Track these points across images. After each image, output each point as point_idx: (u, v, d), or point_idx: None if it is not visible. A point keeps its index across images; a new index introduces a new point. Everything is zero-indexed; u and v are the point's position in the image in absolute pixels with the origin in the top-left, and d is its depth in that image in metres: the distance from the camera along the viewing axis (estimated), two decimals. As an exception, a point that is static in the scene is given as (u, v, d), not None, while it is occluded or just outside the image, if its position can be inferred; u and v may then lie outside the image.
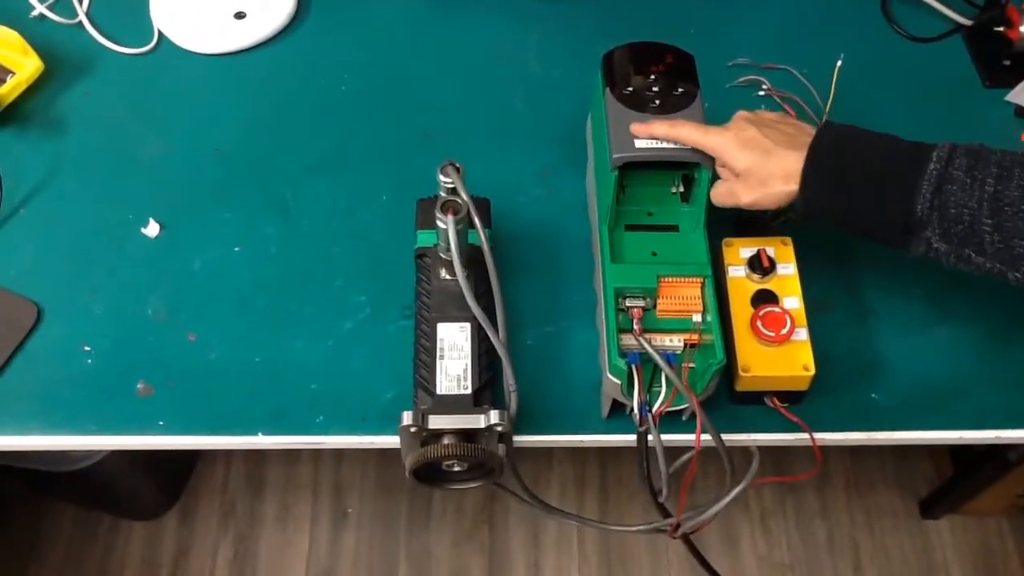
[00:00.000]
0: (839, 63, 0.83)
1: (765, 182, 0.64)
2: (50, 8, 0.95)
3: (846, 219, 0.63)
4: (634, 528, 0.72)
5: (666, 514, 0.68)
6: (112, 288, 0.77)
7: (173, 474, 1.43)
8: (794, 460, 1.38)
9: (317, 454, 1.48)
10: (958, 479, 1.37)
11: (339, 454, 1.48)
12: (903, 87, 0.93)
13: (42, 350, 0.74)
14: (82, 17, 0.95)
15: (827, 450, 0.70)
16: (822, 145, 0.63)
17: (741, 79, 0.91)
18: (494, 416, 0.63)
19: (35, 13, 0.95)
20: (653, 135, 0.68)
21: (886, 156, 0.61)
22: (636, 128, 0.69)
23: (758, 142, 0.64)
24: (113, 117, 0.89)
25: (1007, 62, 0.92)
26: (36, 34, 0.90)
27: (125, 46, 0.93)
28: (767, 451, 0.68)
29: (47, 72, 0.89)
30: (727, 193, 0.67)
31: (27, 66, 0.87)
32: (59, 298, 0.76)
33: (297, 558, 1.40)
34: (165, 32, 0.95)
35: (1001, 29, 0.92)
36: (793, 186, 0.63)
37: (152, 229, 0.80)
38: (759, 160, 0.64)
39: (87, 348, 0.74)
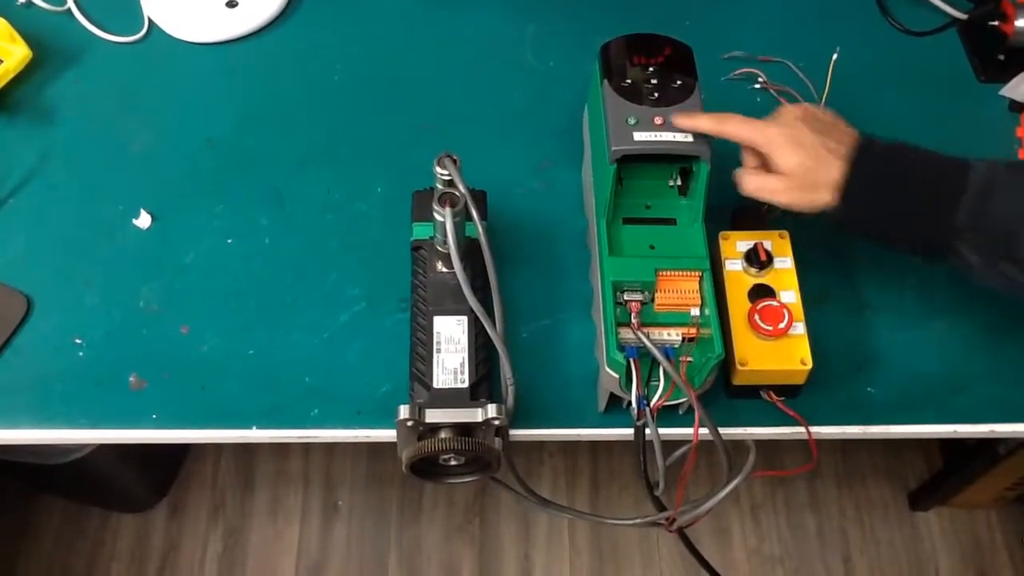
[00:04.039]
0: (835, 56, 0.83)
1: (809, 187, 0.64)
2: (38, -5, 0.94)
3: (884, 228, 0.64)
4: (630, 521, 0.71)
5: (661, 507, 0.68)
6: (104, 280, 0.76)
7: (163, 467, 1.42)
8: (785, 453, 1.38)
9: (307, 447, 1.47)
10: (948, 472, 1.38)
11: (330, 447, 1.48)
12: (898, 81, 0.93)
13: (33, 342, 0.73)
14: (71, 4, 0.93)
15: (818, 443, 0.70)
16: (863, 158, 0.63)
17: (737, 72, 0.91)
18: (491, 410, 0.63)
19: (22, 0, 0.93)
20: (696, 129, 0.67)
21: (926, 167, 0.62)
22: (679, 120, 0.67)
23: (812, 147, 0.63)
24: (103, 106, 0.87)
25: (1001, 57, 0.92)
26: (24, 21, 0.89)
27: (115, 34, 0.92)
28: (758, 444, 0.68)
29: (35, 60, 0.88)
30: (766, 190, 0.66)
31: (15, 54, 0.86)
32: (50, 290, 0.75)
33: (287, 551, 1.39)
34: (155, 21, 0.93)
35: (996, 24, 0.92)
36: (835, 196, 0.63)
37: (144, 220, 0.80)
38: (810, 166, 0.63)
39: (78, 340, 0.73)
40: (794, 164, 0.64)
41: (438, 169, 0.64)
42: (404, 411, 0.62)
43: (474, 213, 0.62)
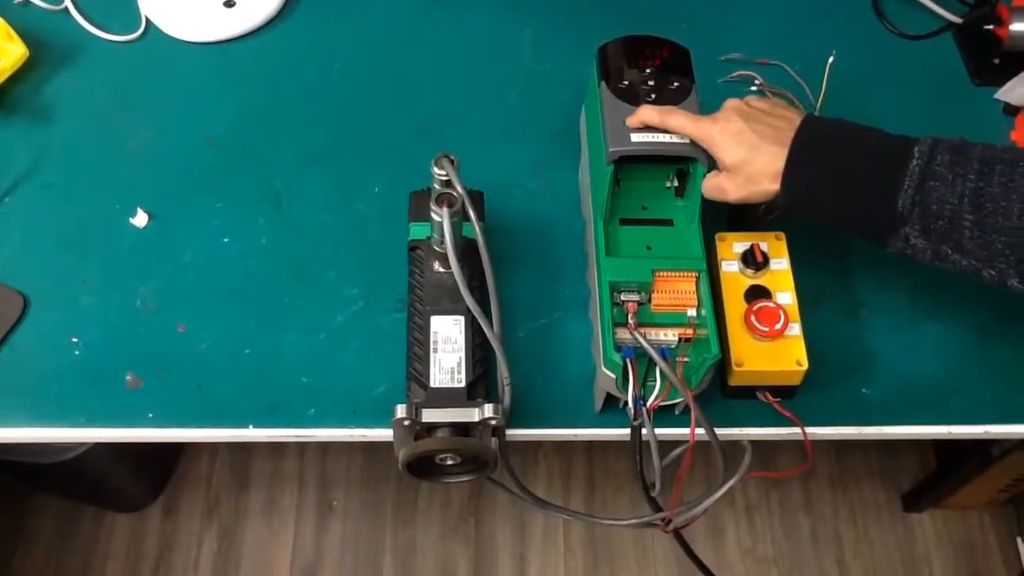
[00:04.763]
0: (831, 59, 0.83)
1: (753, 179, 0.63)
2: (35, -6, 0.93)
3: (827, 215, 0.63)
4: (626, 522, 0.72)
5: (657, 508, 0.68)
6: (100, 279, 0.76)
7: (158, 466, 1.42)
8: (779, 454, 1.39)
9: (302, 447, 1.47)
10: (941, 473, 1.39)
11: (324, 447, 1.48)
12: (894, 84, 0.93)
13: (29, 341, 0.73)
14: (68, 3, 0.93)
15: (812, 444, 0.70)
16: (803, 142, 0.62)
17: (734, 74, 0.91)
18: (488, 410, 0.63)
19: (19, -1, 0.94)
20: (643, 121, 0.68)
21: (867, 152, 0.61)
22: (631, 120, 0.68)
23: (746, 137, 0.63)
24: (100, 105, 0.87)
25: (996, 60, 0.93)
26: (21, 20, 0.89)
27: (112, 33, 0.92)
28: (752, 445, 0.69)
29: (32, 59, 0.88)
30: (715, 188, 0.67)
31: (12, 52, 0.86)
32: (46, 288, 0.75)
33: (282, 551, 1.39)
34: (153, 20, 0.93)
35: (991, 27, 0.93)
36: (778, 184, 0.63)
37: (140, 219, 0.80)
38: (747, 156, 0.63)
39: (75, 339, 0.73)
40: (734, 158, 0.64)
41: (436, 169, 0.64)
42: (401, 410, 0.62)
43: (471, 213, 0.62)
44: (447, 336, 0.68)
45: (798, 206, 0.63)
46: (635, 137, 0.68)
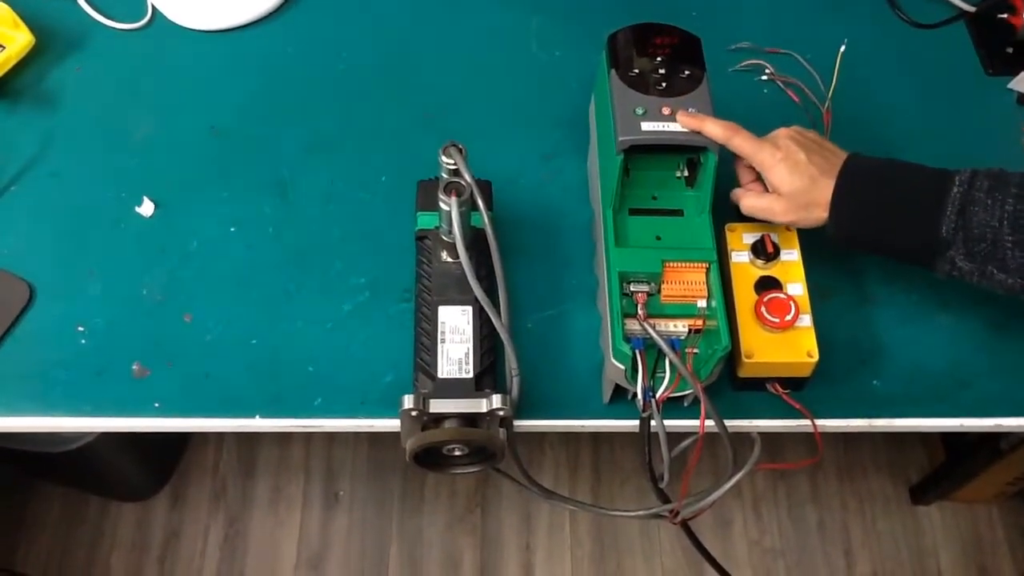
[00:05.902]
0: (842, 48, 0.83)
1: (806, 207, 0.66)
2: (41, -19, 0.93)
3: (875, 243, 0.66)
4: (634, 513, 0.71)
5: (666, 500, 0.68)
6: (106, 267, 0.76)
7: (164, 455, 1.42)
8: (785, 446, 1.38)
9: (308, 436, 1.47)
10: (949, 466, 1.38)
11: (331, 436, 1.48)
12: (906, 73, 0.92)
13: (35, 330, 0.73)
14: (74, -9, 0.93)
15: (821, 436, 0.70)
16: (849, 175, 0.65)
17: (743, 63, 0.90)
18: (496, 400, 0.63)
19: (25, -14, 0.93)
20: (705, 133, 0.67)
21: (911, 182, 0.64)
22: (684, 119, 0.67)
23: (806, 169, 0.66)
24: (106, 93, 0.87)
25: (1010, 50, 0.92)
26: (27, 7, 0.89)
27: (118, 21, 0.92)
28: (760, 436, 0.68)
29: (38, 46, 0.88)
30: (766, 210, 0.69)
31: (17, 40, 0.86)
32: (52, 277, 0.75)
33: (288, 540, 1.39)
34: (159, 7, 0.93)
35: (1004, 17, 0.92)
36: (827, 213, 0.65)
37: (147, 208, 0.79)
38: (805, 186, 0.66)
39: (81, 328, 0.73)
40: (790, 185, 0.66)
41: (444, 159, 0.63)
42: (408, 401, 0.62)
43: (480, 203, 0.62)
44: (455, 326, 0.67)
45: (846, 235, 0.66)
46: (645, 126, 0.67)
